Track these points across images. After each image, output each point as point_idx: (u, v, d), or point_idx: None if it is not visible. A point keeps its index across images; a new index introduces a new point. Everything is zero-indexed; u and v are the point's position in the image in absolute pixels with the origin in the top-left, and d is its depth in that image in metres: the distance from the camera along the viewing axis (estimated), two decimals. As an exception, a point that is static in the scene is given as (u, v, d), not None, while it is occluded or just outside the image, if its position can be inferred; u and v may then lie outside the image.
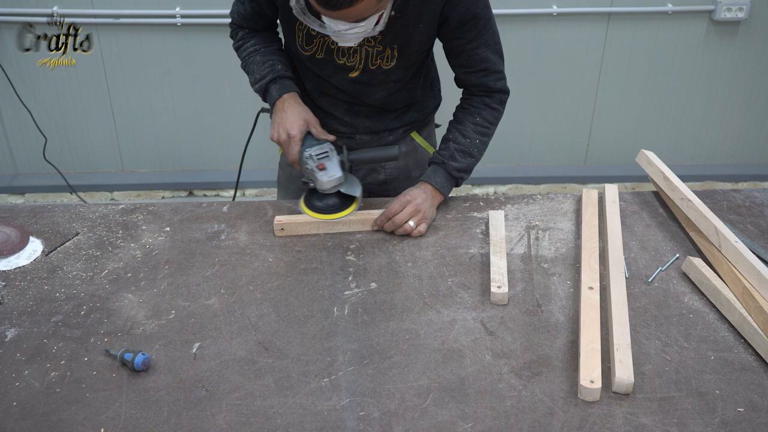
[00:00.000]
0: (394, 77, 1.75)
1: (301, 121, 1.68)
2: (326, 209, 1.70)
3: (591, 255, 1.60)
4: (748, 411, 1.25)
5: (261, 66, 1.75)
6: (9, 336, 1.41)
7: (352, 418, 1.23)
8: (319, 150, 1.67)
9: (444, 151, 1.77)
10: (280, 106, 1.70)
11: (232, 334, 1.41)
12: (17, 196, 3.70)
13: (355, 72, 1.73)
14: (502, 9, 3.34)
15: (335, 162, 1.66)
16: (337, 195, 1.70)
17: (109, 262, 1.63)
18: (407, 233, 1.70)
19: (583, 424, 1.22)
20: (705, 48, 3.51)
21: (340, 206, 1.71)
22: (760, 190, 1.90)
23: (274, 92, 1.72)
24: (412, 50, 1.69)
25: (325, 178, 1.64)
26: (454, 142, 1.76)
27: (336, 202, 1.71)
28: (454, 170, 1.76)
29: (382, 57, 1.69)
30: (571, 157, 3.81)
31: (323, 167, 1.64)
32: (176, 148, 3.67)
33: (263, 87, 1.75)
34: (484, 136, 1.78)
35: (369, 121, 1.86)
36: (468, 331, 1.42)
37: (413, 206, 1.69)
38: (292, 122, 1.67)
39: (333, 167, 1.65)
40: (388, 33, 1.63)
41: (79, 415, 1.24)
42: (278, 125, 1.69)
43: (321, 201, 1.71)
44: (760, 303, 1.38)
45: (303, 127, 1.68)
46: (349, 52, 1.69)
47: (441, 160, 1.76)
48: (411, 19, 1.62)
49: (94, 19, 3.29)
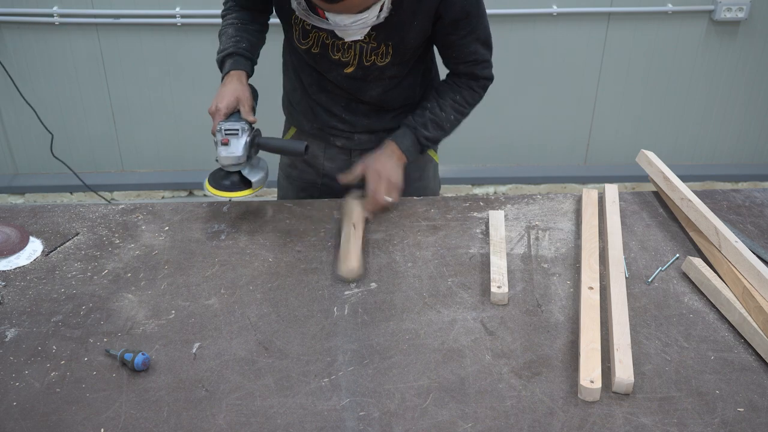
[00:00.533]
0: (389, 74, 1.77)
1: (232, 98, 1.69)
2: (224, 187, 1.70)
3: (591, 255, 1.60)
4: (748, 411, 1.25)
5: (229, 39, 1.78)
6: (9, 336, 1.41)
7: (352, 418, 1.23)
8: (231, 126, 1.65)
9: (418, 117, 1.81)
10: (225, 81, 1.73)
11: (232, 334, 1.41)
12: (17, 196, 3.70)
13: (350, 68, 1.74)
14: (502, 9, 3.34)
15: (242, 141, 1.65)
16: (239, 175, 1.69)
17: (109, 262, 1.63)
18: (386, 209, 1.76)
19: (583, 424, 1.22)
20: (705, 48, 3.51)
21: (238, 187, 1.70)
22: (760, 190, 1.90)
23: (227, 66, 1.75)
24: (406, 47, 1.71)
25: (224, 153, 1.64)
26: (431, 112, 1.80)
27: (237, 181, 1.69)
28: (423, 137, 1.80)
29: (376, 53, 1.71)
30: (571, 157, 3.81)
31: (227, 142, 1.64)
32: (176, 148, 3.67)
33: (221, 59, 1.78)
34: (460, 114, 1.82)
35: (367, 119, 1.87)
36: (468, 331, 1.42)
37: (386, 180, 1.75)
38: (222, 96, 1.69)
39: (237, 145, 1.64)
40: (382, 30, 1.64)
41: (79, 415, 1.24)
42: (215, 98, 1.71)
43: (225, 178, 1.70)
44: (760, 303, 1.38)
45: (232, 103, 1.68)
46: (343, 48, 1.71)
47: (414, 125, 1.80)
48: (406, 17, 1.64)
49: (94, 19, 3.29)
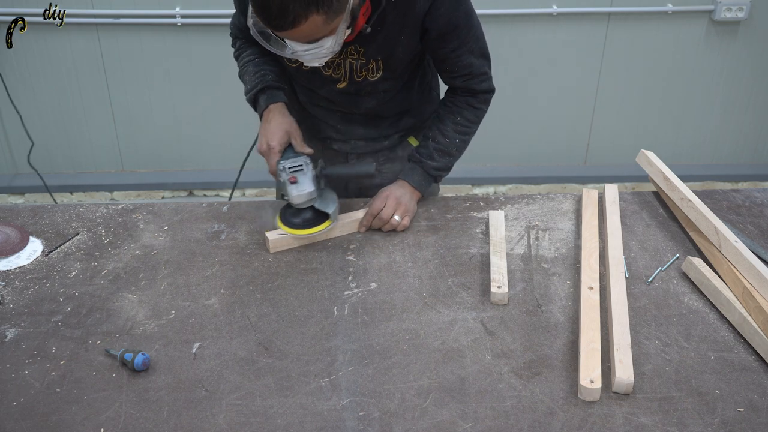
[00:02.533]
0: (382, 88, 1.74)
1: (282, 132, 1.66)
2: (300, 224, 1.65)
3: (591, 255, 1.60)
4: (748, 411, 1.25)
5: (253, 76, 1.75)
6: (9, 336, 1.41)
7: (352, 418, 1.23)
8: (293, 163, 1.63)
9: (423, 149, 1.79)
10: (266, 117, 1.70)
11: (232, 334, 1.41)
12: (17, 196, 3.70)
13: (343, 83, 1.72)
14: (502, 9, 3.34)
15: (308, 176, 1.62)
16: (312, 210, 1.65)
17: (109, 262, 1.63)
18: (393, 228, 1.72)
19: (583, 424, 1.22)
20: (705, 48, 3.51)
21: (314, 222, 1.66)
22: (760, 190, 1.90)
23: (262, 102, 1.72)
24: (396, 62, 1.68)
25: (295, 192, 1.60)
26: (434, 141, 1.77)
27: (311, 216, 1.65)
28: (432, 169, 1.78)
29: (366, 69, 1.68)
30: (571, 157, 3.81)
31: (295, 180, 1.61)
32: (176, 148, 3.67)
33: (253, 97, 1.74)
34: (465, 135, 1.79)
35: (363, 129, 1.86)
36: (468, 331, 1.42)
37: (394, 200, 1.72)
38: (273, 133, 1.66)
39: (305, 181, 1.61)
40: (370, 46, 1.62)
41: (79, 415, 1.24)
42: (262, 136, 1.68)
43: (296, 216, 1.66)
44: (760, 303, 1.38)
45: (283, 139, 1.66)
46: (333, 65, 1.68)
47: (419, 159, 1.78)
48: (392, 32, 1.60)
49: (94, 19, 3.29)
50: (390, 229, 1.72)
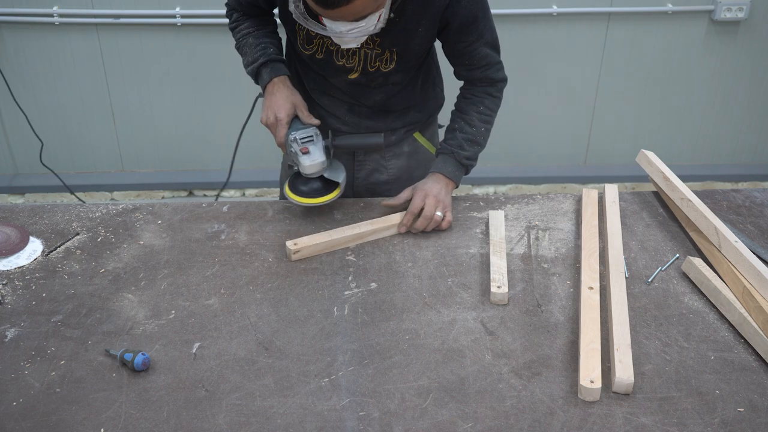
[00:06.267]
0: (392, 80, 1.76)
1: (289, 104, 1.70)
2: (310, 193, 1.70)
3: (591, 255, 1.60)
4: (748, 411, 1.25)
5: (254, 48, 1.77)
6: (9, 336, 1.41)
7: (352, 418, 1.23)
8: (304, 134, 1.68)
9: (452, 140, 1.79)
10: (270, 90, 1.72)
11: (232, 334, 1.41)
12: (17, 196, 3.70)
13: (355, 73, 1.73)
14: (502, 9, 3.34)
15: (319, 146, 1.67)
16: (320, 180, 1.71)
17: (109, 262, 1.63)
18: (437, 225, 1.71)
19: (583, 424, 1.22)
20: (705, 48, 3.51)
21: (323, 191, 1.71)
22: (760, 190, 1.90)
23: (266, 75, 1.74)
24: (411, 54, 1.70)
25: (307, 162, 1.65)
26: (461, 131, 1.78)
27: (320, 186, 1.71)
28: (463, 158, 1.78)
29: (381, 59, 1.70)
30: (571, 157, 3.81)
31: (307, 151, 1.66)
32: (176, 148, 3.66)
33: (255, 70, 1.76)
34: (488, 124, 1.81)
35: (370, 121, 1.87)
36: (468, 331, 1.42)
37: (434, 198, 1.71)
38: (279, 105, 1.69)
39: (317, 152, 1.66)
40: (387, 36, 1.63)
41: (79, 415, 1.24)
42: (267, 108, 1.71)
43: (305, 185, 1.71)
44: (760, 303, 1.38)
45: (290, 111, 1.69)
46: (348, 54, 1.70)
47: (450, 150, 1.78)
48: (410, 24, 1.62)
49: (94, 19, 3.29)
50: (434, 226, 1.71)
